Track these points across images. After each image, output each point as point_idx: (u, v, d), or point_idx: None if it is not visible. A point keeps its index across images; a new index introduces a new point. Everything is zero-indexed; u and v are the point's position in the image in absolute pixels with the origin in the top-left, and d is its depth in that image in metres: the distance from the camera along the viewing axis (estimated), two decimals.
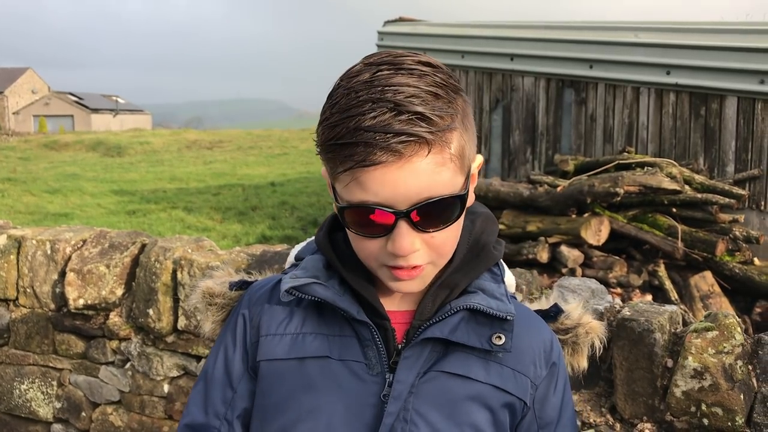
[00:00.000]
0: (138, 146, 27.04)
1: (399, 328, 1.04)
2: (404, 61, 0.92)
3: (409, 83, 0.89)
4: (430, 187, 0.90)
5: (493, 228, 1.12)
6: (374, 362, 1.01)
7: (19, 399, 3.38)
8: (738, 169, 6.20)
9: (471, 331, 1.02)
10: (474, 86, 8.32)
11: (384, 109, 0.87)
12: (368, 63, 0.93)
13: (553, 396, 1.09)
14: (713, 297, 5.23)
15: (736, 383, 1.86)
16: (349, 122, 0.88)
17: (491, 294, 1.04)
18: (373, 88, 0.89)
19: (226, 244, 8.81)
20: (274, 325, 1.06)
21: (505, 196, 6.11)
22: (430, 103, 0.89)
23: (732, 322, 1.96)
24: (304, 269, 1.06)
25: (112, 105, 63.82)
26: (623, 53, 7.01)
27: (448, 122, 0.90)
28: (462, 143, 0.94)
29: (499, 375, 1.03)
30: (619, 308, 2.15)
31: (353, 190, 0.91)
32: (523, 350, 1.06)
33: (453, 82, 0.94)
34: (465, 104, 0.96)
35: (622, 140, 7.02)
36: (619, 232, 5.55)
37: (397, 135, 0.86)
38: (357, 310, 1.01)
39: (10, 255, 3.35)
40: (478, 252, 1.08)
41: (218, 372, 1.10)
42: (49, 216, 11.61)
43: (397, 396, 0.98)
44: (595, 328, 1.18)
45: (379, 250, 0.95)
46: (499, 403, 1.03)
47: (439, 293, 1.04)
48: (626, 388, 2.05)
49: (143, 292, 3.07)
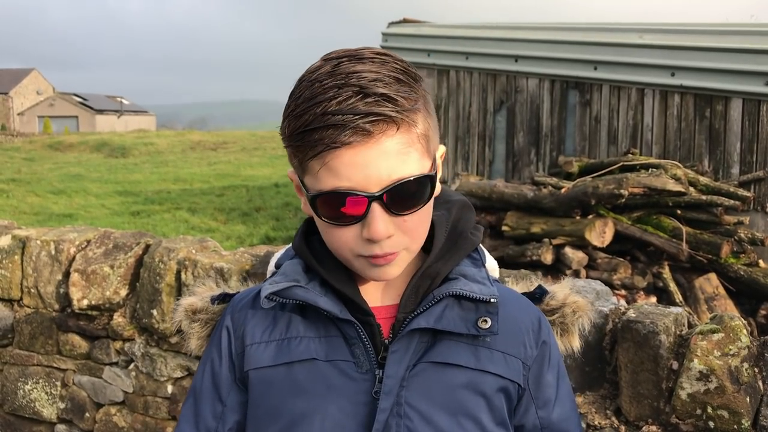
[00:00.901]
0: (142, 147, 27.09)
1: (384, 323, 1.03)
2: (362, 52, 0.94)
3: (371, 69, 0.91)
4: (400, 167, 0.91)
5: (470, 215, 1.12)
6: (362, 360, 1.00)
7: (23, 399, 3.39)
8: (743, 171, 6.18)
9: (456, 318, 1.01)
10: (478, 87, 8.32)
11: (349, 92, 0.88)
12: (328, 58, 0.95)
13: (548, 374, 1.09)
14: (718, 299, 5.21)
15: (742, 386, 1.85)
16: (315, 109, 0.89)
17: (473, 278, 1.04)
18: (337, 76, 0.90)
19: (229, 245, 8.81)
20: (259, 333, 1.06)
21: (509, 197, 6.10)
22: (394, 85, 0.91)
23: (738, 324, 1.95)
24: (283, 275, 1.06)
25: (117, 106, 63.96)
26: (628, 55, 7.00)
27: (412, 104, 0.92)
28: (427, 126, 0.95)
29: (489, 360, 1.02)
30: (624, 310, 2.14)
31: (323, 178, 0.91)
32: (511, 332, 1.05)
33: (412, 70, 0.95)
34: (426, 93, 0.98)
35: (627, 142, 7.01)
36: (624, 233, 5.54)
37: (365, 115, 0.88)
38: (340, 309, 1.01)
39: (15, 255, 3.36)
40: (456, 239, 1.07)
41: (206, 386, 1.10)
42: (54, 216, 11.63)
43: (389, 391, 0.98)
44: (582, 306, 1.18)
45: (353, 238, 0.95)
46: (492, 389, 1.02)
47: (421, 284, 1.03)
48: (631, 390, 2.04)
49: (147, 292, 3.07)
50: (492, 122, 8.21)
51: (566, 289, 1.20)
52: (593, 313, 1.21)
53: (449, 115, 8.64)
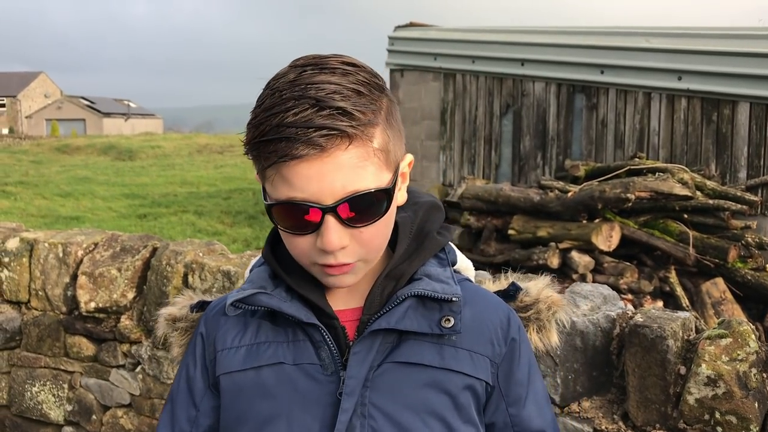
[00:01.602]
0: (149, 150, 27.17)
1: (350, 325, 1.04)
2: (329, 61, 0.94)
3: (332, 81, 0.91)
4: (354, 181, 0.92)
5: (437, 215, 1.13)
6: (328, 362, 1.02)
7: (30, 401, 3.40)
8: (750, 175, 6.16)
9: (419, 317, 1.02)
10: (485, 91, 8.32)
11: (306, 105, 0.89)
12: (294, 65, 0.96)
13: (518, 371, 1.08)
14: (725, 304, 5.19)
15: (751, 391, 1.85)
16: (272, 119, 0.90)
17: (436, 278, 1.05)
18: (297, 86, 0.91)
19: (236, 248, 8.83)
20: (230, 338, 1.07)
21: (515, 201, 6.10)
22: (352, 99, 0.91)
23: (746, 329, 1.94)
24: (250, 282, 1.08)
25: (124, 109, 64.19)
26: (634, 58, 6.99)
27: (369, 117, 0.92)
28: (386, 139, 0.95)
29: (454, 358, 1.03)
30: (631, 314, 2.14)
31: (279, 187, 0.93)
32: (478, 330, 1.06)
33: (377, 81, 0.96)
34: (390, 104, 0.98)
35: (634, 146, 6.99)
36: (630, 238, 5.52)
37: (319, 129, 0.88)
38: (305, 313, 1.02)
39: (23, 258, 3.37)
40: (422, 240, 1.08)
41: (182, 392, 1.12)
42: (61, 219, 11.67)
43: (350, 392, 0.99)
44: (557, 301, 1.18)
45: (309, 247, 0.96)
46: (458, 387, 1.02)
47: (385, 285, 1.04)
48: (639, 395, 2.03)
49: (154, 295, 3.08)
50: (498, 126, 8.20)
51: (540, 284, 1.21)
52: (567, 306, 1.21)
53: (455, 118, 8.64)
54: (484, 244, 6.34)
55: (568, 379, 2.17)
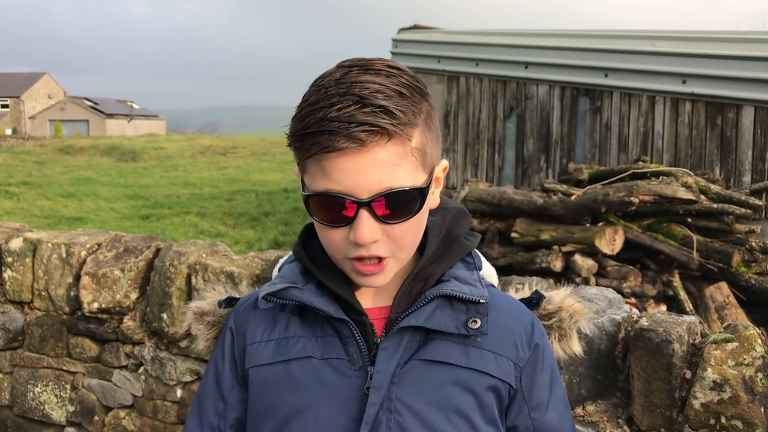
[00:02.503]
0: (152, 151, 27.21)
1: (378, 323, 1.07)
2: (374, 63, 0.98)
3: (376, 81, 0.95)
4: (390, 177, 0.95)
5: (464, 221, 1.16)
6: (356, 357, 1.04)
7: (32, 402, 3.40)
8: (754, 180, 6.14)
9: (447, 317, 1.05)
10: (488, 94, 8.31)
11: (349, 102, 0.93)
12: (341, 65, 1.00)
13: (541, 376, 1.11)
14: (728, 308, 5.18)
15: (757, 396, 1.84)
16: (317, 113, 0.94)
17: (464, 280, 1.08)
18: (342, 84, 0.95)
19: (238, 250, 8.82)
20: (259, 332, 1.10)
21: (518, 204, 6.09)
22: (394, 99, 0.95)
23: (752, 333, 1.94)
24: (281, 277, 1.11)
25: (127, 110, 64.30)
26: (639, 62, 6.98)
27: (410, 118, 0.96)
28: (424, 140, 0.99)
29: (479, 359, 1.05)
30: (636, 318, 2.13)
31: (318, 178, 0.96)
32: (503, 333, 1.08)
33: (419, 85, 1.00)
34: (430, 108, 1.01)
35: (637, 149, 6.98)
36: (634, 241, 5.51)
37: (360, 124, 0.92)
38: (335, 309, 1.05)
39: (26, 258, 3.37)
40: (450, 244, 1.11)
41: (210, 386, 1.15)
42: (64, 220, 11.69)
43: (378, 386, 1.01)
44: (579, 310, 1.21)
45: (342, 240, 0.99)
46: (482, 387, 1.05)
47: (414, 285, 1.07)
48: (644, 399, 2.02)
49: (157, 296, 3.08)
50: (502, 129, 8.20)
51: (562, 293, 1.23)
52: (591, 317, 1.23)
53: (459, 121, 8.64)
54: (487, 247, 6.33)
55: (573, 382, 2.16)
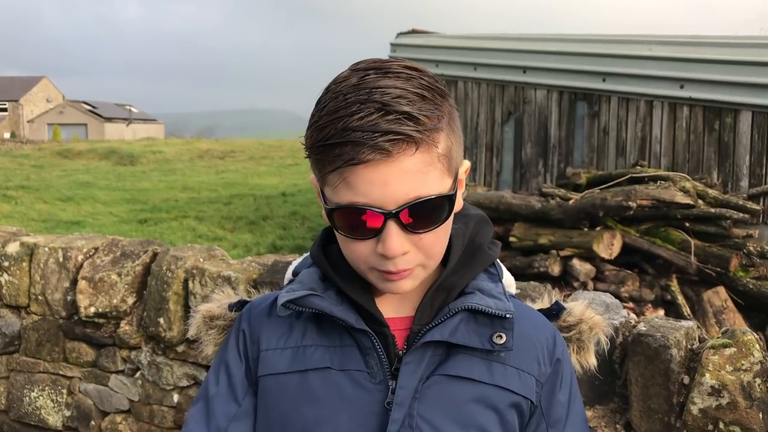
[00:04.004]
0: (150, 155, 27.19)
1: (399, 334, 1.03)
2: (391, 65, 0.93)
3: (396, 85, 0.90)
4: (418, 186, 0.90)
5: (487, 229, 1.12)
6: (376, 370, 1.00)
7: (29, 407, 3.38)
8: (752, 184, 6.15)
9: (471, 332, 1.01)
10: (486, 98, 8.32)
11: (371, 109, 0.88)
12: (355, 69, 0.94)
13: (560, 393, 1.08)
14: (726, 312, 5.18)
15: (755, 401, 1.83)
16: (337, 123, 0.89)
17: (489, 293, 1.04)
18: (361, 90, 0.90)
19: (236, 254, 8.81)
20: (275, 339, 1.06)
21: (516, 208, 6.09)
22: (417, 103, 0.90)
23: (750, 338, 1.93)
24: (300, 283, 1.06)
25: (126, 114, 64.30)
26: (637, 66, 7.00)
27: (435, 122, 0.91)
28: (449, 144, 0.94)
29: (503, 375, 1.02)
30: (634, 323, 2.13)
31: (342, 191, 0.91)
32: (525, 348, 1.05)
33: (439, 86, 0.95)
34: (451, 109, 0.97)
35: (635, 154, 6.99)
36: (632, 246, 5.51)
37: (385, 134, 0.87)
38: (355, 318, 1.00)
39: (23, 262, 3.36)
40: (473, 253, 1.07)
41: (222, 388, 1.09)
42: (62, 224, 11.67)
43: (401, 402, 0.98)
44: (599, 323, 1.18)
45: (368, 252, 0.94)
46: (505, 404, 1.02)
47: (436, 296, 1.03)
48: (642, 404, 2.02)
49: (154, 300, 3.07)
50: (500, 133, 8.20)
51: (582, 305, 1.20)
52: (609, 329, 1.21)
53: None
54: None
55: None
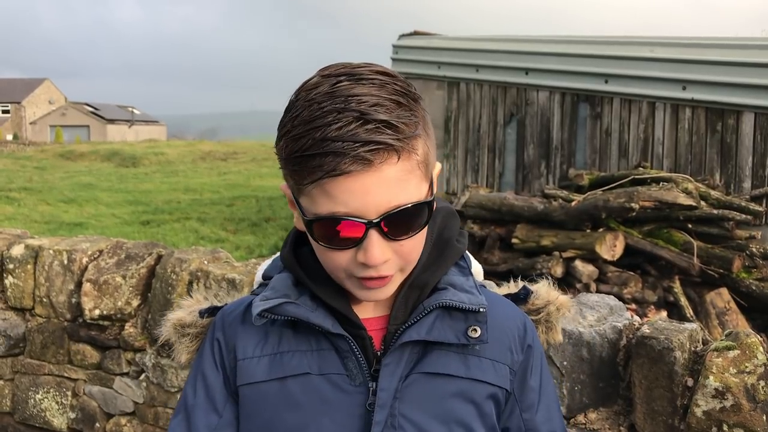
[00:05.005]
0: (153, 157, 27.21)
1: (376, 335, 1.03)
2: (362, 72, 0.92)
3: (372, 92, 0.89)
4: (398, 195, 0.90)
5: (454, 222, 1.12)
6: (355, 373, 1.01)
7: (33, 409, 3.39)
8: (755, 185, 6.15)
9: (447, 328, 1.02)
10: (488, 100, 8.33)
11: (349, 118, 0.87)
12: (325, 75, 0.93)
13: (531, 379, 1.10)
14: (729, 314, 5.18)
15: (759, 404, 1.84)
16: (314, 133, 0.87)
17: (461, 288, 1.05)
18: (336, 98, 0.88)
19: (239, 256, 8.82)
20: (251, 347, 1.05)
21: (519, 210, 6.09)
22: (394, 111, 0.89)
23: (754, 341, 1.94)
24: (273, 289, 1.05)
25: (128, 116, 64.37)
26: (639, 68, 7.00)
27: (412, 129, 0.91)
28: (426, 150, 0.94)
29: (478, 368, 1.04)
30: (638, 325, 2.13)
31: (321, 202, 0.90)
32: (498, 339, 1.06)
33: (412, 90, 0.94)
34: (424, 112, 0.96)
35: (638, 155, 6.99)
36: (634, 247, 5.51)
37: (365, 144, 0.86)
38: (332, 323, 1.00)
39: (28, 265, 3.38)
40: (443, 248, 1.08)
41: (200, 399, 1.07)
42: (64, 225, 11.68)
43: (383, 404, 0.99)
44: (565, 303, 1.21)
45: (348, 261, 0.94)
46: (482, 396, 1.04)
47: (410, 295, 1.03)
48: (645, 406, 2.02)
49: (159, 303, 3.08)
50: (502, 134, 8.21)
51: (546, 286, 1.22)
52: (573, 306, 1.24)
53: (459, 127, 8.65)
54: (487, 253, 6.33)
55: (575, 390, 2.16)
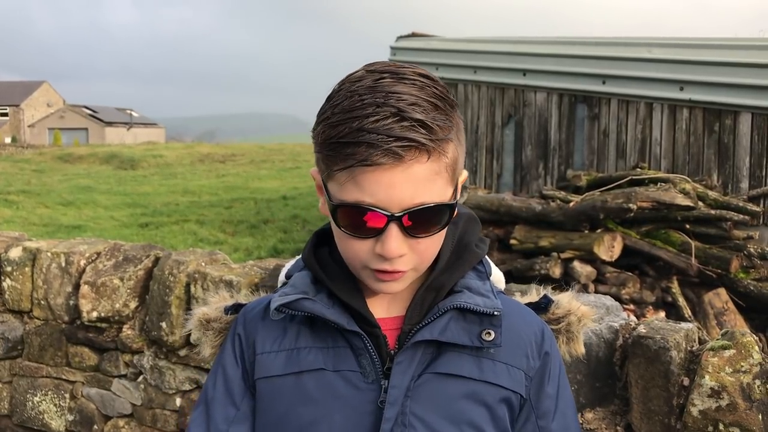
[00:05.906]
0: (151, 159, 27.21)
1: (390, 334, 1.05)
2: (405, 72, 0.95)
3: (411, 92, 0.92)
4: (423, 193, 0.93)
5: (475, 228, 1.14)
6: (369, 370, 1.03)
7: (31, 411, 3.39)
8: (752, 186, 6.16)
9: (460, 330, 1.04)
10: (486, 101, 8.33)
11: (387, 113, 0.90)
12: (370, 70, 0.96)
13: (548, 386, 1.10)
14: (727, 314, 5.18)
15: (755, 403, 1.84)
16: (351, 122, 0.91)
17: (477, 291, 1.06)
18: (377, 93, 0.92)
19: (237, 257, 8.83)
20: (269, 342, 1.08)
21: (517, 211, 6.10)
22: (431, 112, 0.92)
23: (749, 340, 1.94)
24: (292, 286, 1.08)
25: (126, 118, 64.36)
26: (636, 69, 7.00)
27: (446, 133, 0.94)
28: (456, 155, 0.97)
29: (492, 371, 1.04)
30: (634, 325, 2.14)
31: (349, 189, 0.93)
32: (514, 343, 1.07)
33: (450, 97, 0.97)
34: (459, 119, 1.00)
35: (635, 156, 7.00)
36: (632, 248, 5.52)
37: (399, 139, 0.90)
38: (347, 320, 1.03)
39: (25, 267, 3.38)
40: (461, 253, 1.10)
41: (219, 392, 1.11)
42: (63, 228, 11.68)
43: (393, 401, 1.00)
44: (587, 313, 1.21)
45: (366, 251, 0.97)
46: (495, 399, 1.04)
47: (426, 296, 1.05)
48: (642, 406, 2.03)
49: (157, 305, 3.08)
50: (500, 136, 8.21)
51: (569, 296, 1.23)
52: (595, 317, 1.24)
53: None
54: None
55: (571, 390, 2.16)
